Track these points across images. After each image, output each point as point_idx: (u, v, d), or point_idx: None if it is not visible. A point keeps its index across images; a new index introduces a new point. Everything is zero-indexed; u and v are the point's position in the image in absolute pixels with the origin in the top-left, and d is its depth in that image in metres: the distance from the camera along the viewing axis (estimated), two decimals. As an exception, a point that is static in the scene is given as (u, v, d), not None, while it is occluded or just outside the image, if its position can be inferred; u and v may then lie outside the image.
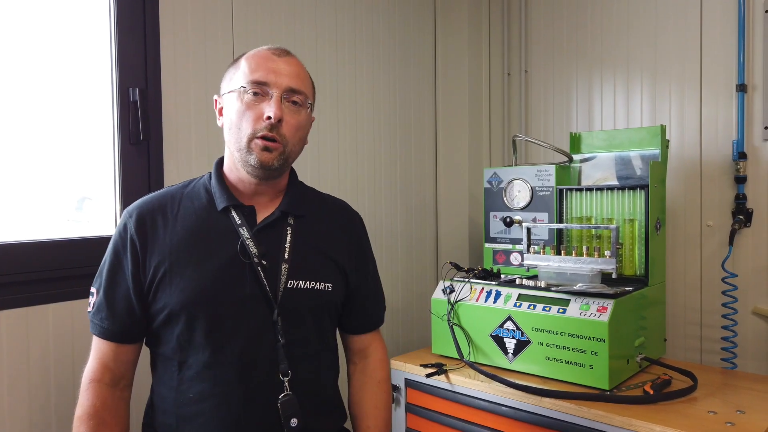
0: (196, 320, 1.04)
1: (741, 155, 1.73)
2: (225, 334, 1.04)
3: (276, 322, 1.07)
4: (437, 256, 2.45)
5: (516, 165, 1.91)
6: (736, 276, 1.73)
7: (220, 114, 1.14)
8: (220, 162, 1.18)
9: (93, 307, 1.09)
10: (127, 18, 1.49)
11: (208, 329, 1.04)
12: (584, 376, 1.44)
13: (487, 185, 1.93)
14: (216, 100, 1.17)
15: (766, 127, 1.71)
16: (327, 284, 1.15)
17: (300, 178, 1.26)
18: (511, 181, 1.87)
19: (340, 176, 2.03)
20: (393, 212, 2.25)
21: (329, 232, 1.21)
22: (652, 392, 1.37)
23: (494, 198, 1.91)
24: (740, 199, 1.74)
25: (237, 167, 1.11)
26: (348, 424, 1.27)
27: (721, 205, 1.80)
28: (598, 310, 1.43)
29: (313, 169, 1.92)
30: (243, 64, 1.10)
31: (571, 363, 1.46)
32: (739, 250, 1.77)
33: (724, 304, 1.74)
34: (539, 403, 1.42)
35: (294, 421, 1.06)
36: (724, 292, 1.74)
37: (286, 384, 1.07)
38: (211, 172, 1.17)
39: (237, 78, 1.09)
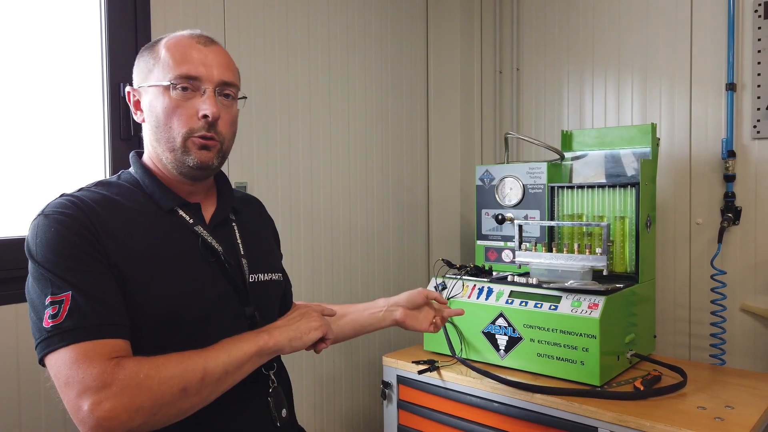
0: (179, 325, 0.95)
1: (730, 153, 1.75)
2: (207, 335, 0.96)
3: (254, 316, 1.03)
4: (429, 253, 2.46)
5: (508, 162, 1.92)
6: (725, 273, 1.75)
7: (137, 108, 1.02)
8: (139, 158, 1.06)
9: (64, 316, 0.82)
10: (118, 12, 1.48)
11: (191, 332, 0.96)
12: (575, 372, 1.45)
13: (479, 182, 1.93)
14: (129, 93, 1.03)
15: (755, 126, 1.72)
16: (278, 274, 1.14)
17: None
18: (502, 179, 1.87)
19: (333, 174, 2.02)
20: (385, 209, 2.25)
21: (260, 224, 1.20)
22: (642, 388, 1.38)
23: (486, 195, 1.91)
24: (729, 197, 1.76)
25: (167, 168, 1.01)
26: None
27: (710, 203, 1.81)
28: (589, 307, 1.44)
29: (305, 168, 1.92)
30: (164, 54, 0.98)
31: (562, 359, 1.47)
32: (728, 247, 1.78)
33: (713, 301, 1.76)
34: (531, 399, 1.43)
35: (284, 412, 1.05)
36: (713, 289, 1.75)
37: (273, 377, 1.05)
38: (130, 172, 1.04)
39: (159, 70, 0.98)
